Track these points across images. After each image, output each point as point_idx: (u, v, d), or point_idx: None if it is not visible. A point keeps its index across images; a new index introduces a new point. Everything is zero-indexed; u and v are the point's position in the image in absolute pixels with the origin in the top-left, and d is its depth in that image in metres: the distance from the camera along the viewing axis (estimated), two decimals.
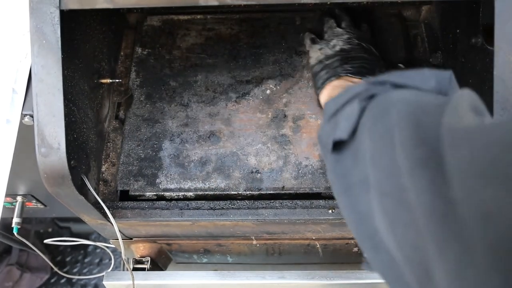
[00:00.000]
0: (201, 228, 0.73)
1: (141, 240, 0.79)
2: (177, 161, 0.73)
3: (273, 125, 0.75)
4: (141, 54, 0.83)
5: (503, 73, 0.52)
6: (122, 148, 0.75)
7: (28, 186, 0.89)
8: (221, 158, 0.73)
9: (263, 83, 0.79)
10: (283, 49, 0.82)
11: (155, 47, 0.83)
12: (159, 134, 0.75)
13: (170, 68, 0.81)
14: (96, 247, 1.51)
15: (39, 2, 0.53)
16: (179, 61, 0.82)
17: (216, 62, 0.81)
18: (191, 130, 0.75)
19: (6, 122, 0.60)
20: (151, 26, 0.85)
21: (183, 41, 0.84)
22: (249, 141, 0.74)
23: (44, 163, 0.56)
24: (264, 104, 0.77)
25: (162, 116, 0.77)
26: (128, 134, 0.76)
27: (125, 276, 0.76)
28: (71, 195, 0.59)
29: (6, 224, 0.98)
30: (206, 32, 0.84)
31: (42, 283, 1.46)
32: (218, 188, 0.71)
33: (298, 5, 0.82)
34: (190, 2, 0.54)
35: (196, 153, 0.74)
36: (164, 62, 0.82)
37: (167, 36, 0.84)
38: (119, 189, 0.72)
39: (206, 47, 0.83)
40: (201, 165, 0.73)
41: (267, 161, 0.73)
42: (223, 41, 0.83)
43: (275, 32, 0.84)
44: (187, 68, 0.81)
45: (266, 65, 0.80)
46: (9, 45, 0.62)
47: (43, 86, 0.55)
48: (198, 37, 0.84)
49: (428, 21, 0.83)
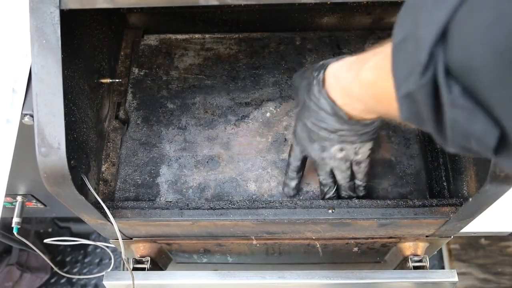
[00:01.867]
0: (201, 228, 0.73)
1: (141, 240, 0.79)
2: (174, 187, 0.73)
3: (273, 149, 0.74)
4: (138, 75, 0.81)
5: None
6: (118, 173, 0.74)
7: (28, 186, 0.89)
8: (220, 184, 0.72)
9: (262, 106, 0.78)
10: (283, 69, 0.81)
11: (152, 68, 0.82)
12: (156, 159, 0.74)
13: (168, 89, 0.80)
14: (96, 247, 1.51)
15: (39, 2, 0.53)
16: (176, 82, 0.81)
17: (214, 84, 0.80)
18: (189, 154, 0.75)
19: (6, 122, 0.60)
20: (148, 45, 0.84)
21: (181, 62, 0.82)
22: (249, 166, 0.73)
23: (44, 162, 0.56)
24: (264, 128, 0.76)
25: (159, 140, 0.76)
26: (125, 159, 0.75)
27: (125, 276, 0.76)
28: (71, 195, 0.59)
29: (6, 224, 0.98)
30: (204, 52, 0.83)
31: (42, 283, 1.46)
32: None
33: (298, 5, 0.82)
34: (191, 2, 0.54)
35: (194, 179, 0.73)
36: (162, 83, 0.81)
37: (164, 56, 0.83)
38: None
39: (204, 68, 0.82)
40: (200, 191, 0.72)
41: (267, 187, 0.72)
42: (221, 61, 0.82)
43: (274, 52, 0.83)
44: (185, 89, 0.80)
45: (265, 86, 0.79)
46: (9, 45, 0.62)
47: (43, 86, 0.55)
48: (196, 57, 0.83)
49: None
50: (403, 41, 0.34)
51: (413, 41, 0.32)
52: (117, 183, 0.73)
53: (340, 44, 0.83)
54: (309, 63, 0.82)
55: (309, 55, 0.83)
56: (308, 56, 0.83)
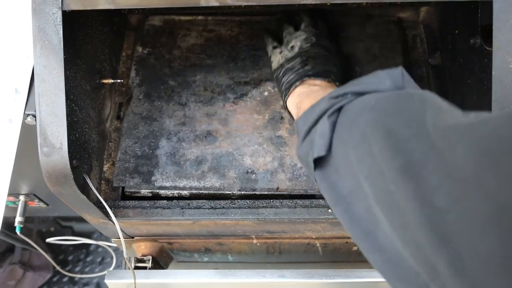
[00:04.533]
0: (202, 227, 0.73)
1: (142, 239, 0.80)
2: (173, 159, 0.74)
3: (270, 126, 0.75)
4: (142, 53, 0.83)
5: (501, 74, 0.53)
6: (119, 145, 0.75)
7: (30, 186, 0.89)
8: (217, 157, 0.73)
9: (261, 85, 0.79)
10: None
11: (156, 47, 0.84)
12: (156, 132, 0.76)
13: (170, 67, 0.82)
14: (98, 246, 1.51)
15: (42, 3, 0.54)
16: (178, 60, 0.82)
17: (215, 63, 0.81)
18: (188, 129, 0.76)
19: (8, 121, 0.61)
20: (152, 25, 0.86)
21: (184, 41, 0.84)
22: (245, 141, 0.74)
23: (47, 162, 0.56)
24: (262, 106, 0.77)
25: (160, 114, 0.77)
26: (126, 131, 0.76)
27: (126, 274, 0.76)
28: (73, 195, 0.60)
29: (9, 223, 0.99)
30: (206, 33, 0.85)
31: (45, 282, 1.46)
32: (213, 187, 0.71)
33: (299, 5, 0.82)
34: (191, 3, 0.55)
35: (192, 152, 0.74)
36: (164, 61, 0.82)
37: (167, 36, 0.85)
38: (115, 185, 0.72)
39: (206, 48, 0.83)
40: (197, 164, 0.73)
41: (263, 162, 0.73)
42: (223, 42, 0.84)
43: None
44: (186, 68, 0.81)
45: (264, 67, 0.81)
46: (11, 46, 0.63)
47: (45, 86, 0.55)
48: (199, 38, 0.84)
49: (427, 22, 0.83)
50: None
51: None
52: (118, 154, 0.74)
53: (337, 28, 0.84)
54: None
55: None
56: None
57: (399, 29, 0.83)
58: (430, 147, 0.33)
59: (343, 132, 0.44)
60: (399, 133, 0.36)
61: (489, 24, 0.53)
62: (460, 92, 0.69)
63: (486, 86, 0.58)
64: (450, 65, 0.74)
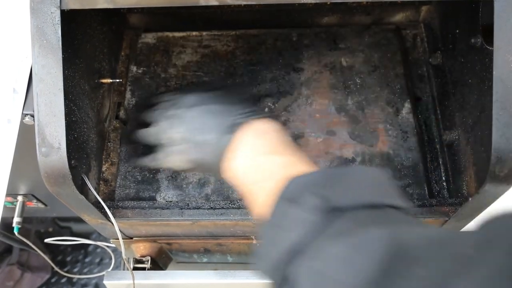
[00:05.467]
0: (201, 228, 0.73)
1: (141, 240, 0.80)
2: (175, 183, 0.73)
3: None
4: (136, 73, 0.82)
5: (502, 73, 0.52)
6: (118, 170, 0.74)
7: (28, 186, 0.89)
8: (221, 179, 0.73)
9: (261, 101, 0.78)
10: (280, 65, 0.81)
11: (150, 65, 0.82)
12: None
13: (166, 86, 0.80)
14: (96, 246, 1.51)
15: (40, 2, 0.53)
16: (175, 79, 0.81)
17: (212, 80, 0.80)
18: None
19: (7, 121, 0.60)
20: (146, 43, 0.84)
21: (179, 59, 0.83)
22: None
23: (45, 162, 0.56)
24: None
25: None
26: (125, 156, 0.75)
27: (125, 275, 0.76)
28: (72, 195, 0.59)
29: (7, 223, 0.98)
30: (202, 49, 0.83)
31: (43, 283, 1.46)
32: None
33: (298, 5, 0.82)
34: (191, 2, 0.54)
35: (194, 175, 0.73)
36: (160, 80, 0.81)
37: (162, 53, 0.83)
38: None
39: (202, 65, 0.82)
40: (200, 187, 0.72)
41: None
42: (219, 58, 0.82)
43: (271, 49, 0.83)
44: (183, 86, 0.80)
45: (263, 82, 0.80)
46: (9, 45, 0.63)
47: (44, 86, 0.55)
48: (194, 55, 0.83)
49: (428, 21, 0.83)
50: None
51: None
52: (117, 180, 0.74)
53: (336, 39, 0.84)
54: (306, 59, 0.82)
55: (306, 51, 0.83)
56: (305, 51, 0.83)
57: (398, 37, 0.83)
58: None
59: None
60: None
61: (490, 24, 0.53)
62: (461, 92, 0.68)
63: (487, 85, 0.58)
64: (451, 65, 0.73)
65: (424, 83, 0.79)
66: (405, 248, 0.30)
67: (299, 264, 0.34)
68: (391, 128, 0.75)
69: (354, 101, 0.78)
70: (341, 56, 0.81)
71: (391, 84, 0.79)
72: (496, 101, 0.53)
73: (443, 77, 0.77)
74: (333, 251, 0.32)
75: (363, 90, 0.78)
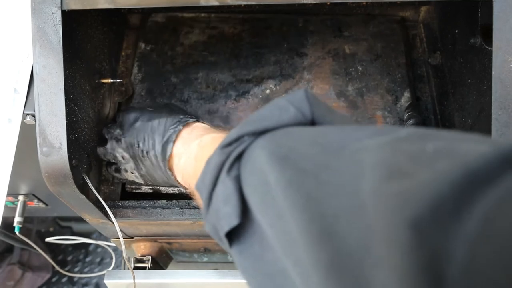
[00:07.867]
0: (202, 227, 0.73)
1: (142, 239, 0.80)
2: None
3: None
4: (144, 50, 0.83)
5: (501, 73, 0.53)
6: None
7: (29, 186, 0.89)
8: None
9: (263, 83, 0.79)
10: (284, 50, 0.82)
11: (158, 43, 0.83)
12: None
13: (172, 64, 0.81)
14: (97, 246, 1.51)
15: (41, 2, 0.54)
16: (181, 57, 0.82)
17: (217, 60, 0.81)
18: None
19: (8, 121, 0.61)
20: (155, 22, 0.85)
21: (186, 38, 0.84)
22: None
23: (46, 162, 0.56)
24: (263, 103, 0.77)
25: None
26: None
27: (126, 275, 0.76)
28: (73, 195, 0.60)
29: (8, 223, 0.98)
30: (209, 30, 0.84)
31: (44, 282, 1.46)
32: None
33: (298, 5, 0.82)
34: (191, 2, 0.54)
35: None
36: (167, 58, 0.82)
37: (170, 32, 0.84)
38: (115, 181, 0.72)
39: (208, 45, 0.83)
40: None
41: None
42: (225, 40, 0.83)
43: (277, 33, 0.84)
44: (188, 65, 0.81)
45: (267, 65, 0.80)
46: (10, 45, 0.63)
47: (44, 86, 0.55)
48: (201, 35, 0.84)
49: (427, 21, 0.83)
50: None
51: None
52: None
53: (341, 27, 0.84)
54: (310, 45, 0.82)
55: (311, 37, 0.83)
56: (310, 37, 0.83)
57: (402, 28, 0.83)
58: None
59: (253, 192, 0.34)
60: (312, 192, 0.29)
61: (489, 24, 0.53)
62: (460, 92, 0.69)
63: (486, 85, 0.58)
64: (450, 65, 0.74)
65: (423, 83, 0.79)
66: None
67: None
68: (389, 115, 0.76)
69: (354, 87, 0.78)
70: (345, 44, 0.81)
71: (392, 73, 0.79)
72: (495, 101, 0.53)
73: (442, 77, 0.77)
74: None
75: (364, 78, 0.78)
